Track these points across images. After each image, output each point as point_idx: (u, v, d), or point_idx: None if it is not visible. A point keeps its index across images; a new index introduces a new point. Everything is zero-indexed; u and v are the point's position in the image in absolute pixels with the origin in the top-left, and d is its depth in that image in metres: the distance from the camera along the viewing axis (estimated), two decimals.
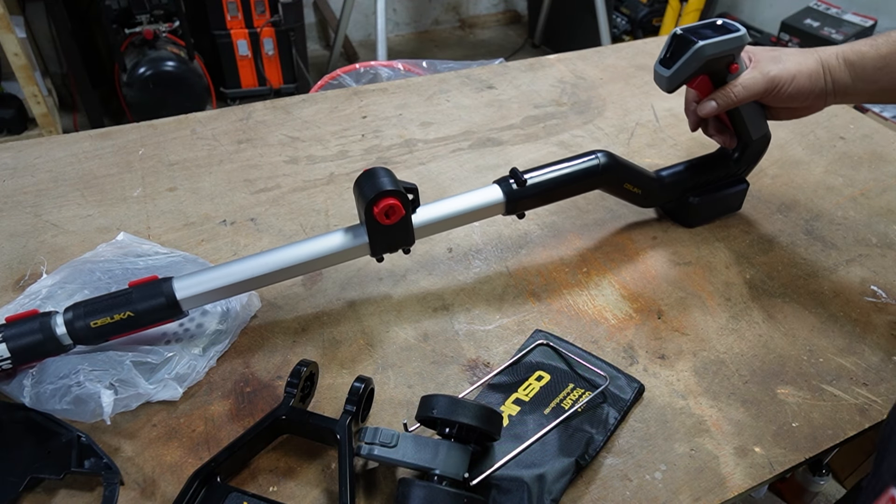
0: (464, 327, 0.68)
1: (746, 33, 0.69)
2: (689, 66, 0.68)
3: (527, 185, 0.68)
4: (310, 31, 3.15)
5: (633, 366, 0.65)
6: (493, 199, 0.68)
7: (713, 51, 0.67)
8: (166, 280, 0.59)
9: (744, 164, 0.81)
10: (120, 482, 0.53)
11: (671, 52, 0.70)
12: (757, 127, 0.77)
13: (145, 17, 2.26)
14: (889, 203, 0.87)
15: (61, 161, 0.90)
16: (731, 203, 0.83)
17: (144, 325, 0.59)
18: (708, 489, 0.55)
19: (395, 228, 0.63)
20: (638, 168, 0.76)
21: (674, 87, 0.71)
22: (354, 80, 1.39)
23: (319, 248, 0.63)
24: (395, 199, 0.60)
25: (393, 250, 0.65)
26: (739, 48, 0.69)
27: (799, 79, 0.69)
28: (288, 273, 0.63)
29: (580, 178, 0.71)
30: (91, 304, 0.58)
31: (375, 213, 0.60)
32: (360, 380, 0.56)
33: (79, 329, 0.57)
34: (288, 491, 0.54)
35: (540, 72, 1.16)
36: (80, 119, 2.55)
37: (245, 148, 0.94)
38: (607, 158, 0.72)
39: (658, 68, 0.72)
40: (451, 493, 0.48)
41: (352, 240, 0.63)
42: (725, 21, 0.70)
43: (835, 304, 0.72)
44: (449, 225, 0.68)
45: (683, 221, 0.82)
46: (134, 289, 0.58)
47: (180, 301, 0.59)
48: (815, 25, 2.60)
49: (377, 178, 0.61)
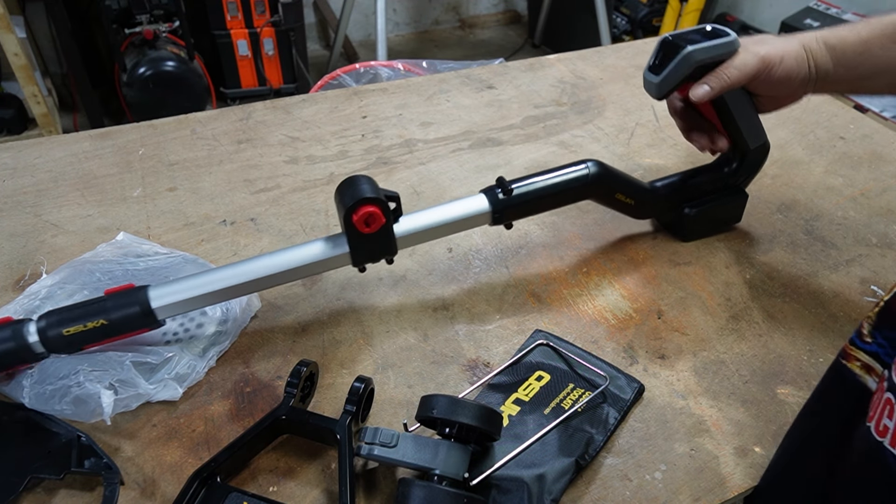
0: (464, 327, 0.68)
1: (737, 38, 0.67)
2: (679, 71, 0.67)
3: (513, 195, 0.66)
4: (310, 31, 3.15)
5: (633, 366, 0.65)
6: (478, 209, 0.66)
7: (702, 56, 0.66)
8: (142, 289, 0.58)
9: (742, 175, 0.78)
10: (120, 482, 0.53)
11: (660, 59, 0.68)
12: (754, 134, 0.74)
13: (145, 17, 2.26)
14: (889, 203, 0.87)
15: (61, 161, 0.90)
16: (729, 215, 0.81)
17: (119, 334, 0.58)
18: (708, 489, 0.55)
19: (376, 237, 0.61)
20: (630, 178, 0.74)
21: (663, 93, 0.69)
22: (354, 80, 1.39)
23: (299, 257, 0.61)
24: (375, 206, 0.59)
25: (375, 260, 0.64)
26: (730, 53, 0.67)
27: (787, 60, 0.67)
28: (266, 283, 0.61)
29: (569, 188, 0.69)
30: (64, 313, 0.57)
31: (355, 220, 0.59)
32: (360, 380, 0.56)
33: (51, 338, 0.56)
34: (288, 491, 0.54)
35: (540, 72, 1.16)
36: (80, 119, 2.55)
37: (245, 148, 0.94)
38: (597, 168, 0.70)
39: (647, 75, 0.70)
40: (451, 493, 0.48)
41: (332, 249, 0.62)
42: (715, 26, 0.69)
43: (835, 304, 0.72)
44: (433, 235, 0.66)
45: (680, 234, 0.80)
46: (108, 297, 0.58)
47: (155, 310, 0.58)
48: (815, 25, 2.60)
49: (357, 185, 0.60)
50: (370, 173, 0.90)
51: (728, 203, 0.79)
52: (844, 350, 0.47)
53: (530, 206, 0.68)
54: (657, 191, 0.76)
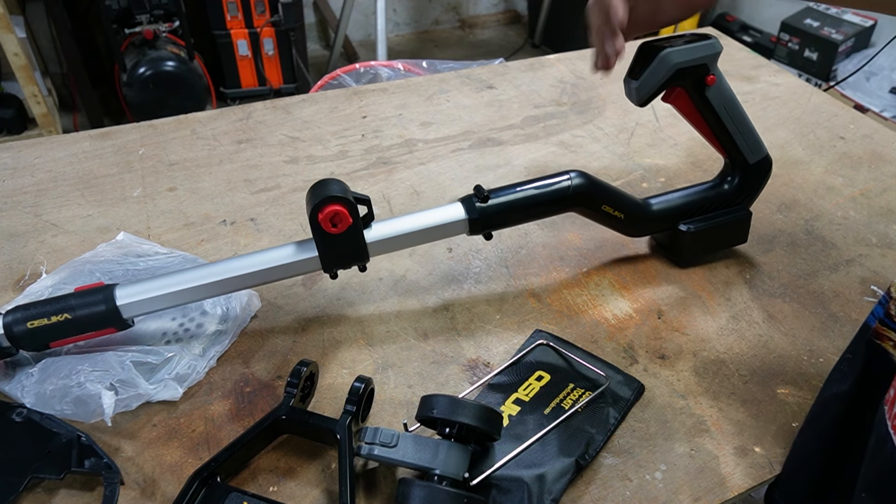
0: (464, 327, 0.68)
1: (718, 41, 0.65)
2: (656, 75, 0.65)
3: (490, 205, 0.64)
4: (310, 31, 3.14)
5: (633, 366, 0.65)
6: (454, 217, 0.64)
7: (680, 58, 0.64)
8: (109, 286, 0.58)
9: (744, 192, 0.73)
10: (120, 482, 0.53)
11: (638, 64, 0.66)
12: (752, 147, 0.71)
13: (145, 17, 2.26)
14: (889, 203, 0.87)
15: (61, 161, 0.90)
16: (732, 235, 0.75)
17: (85, 332, 0.58)
18: (708, 489, 0.55)
19: (344, 240, 0.60)
20: (619, 192, 0.70)
21: (643, 99, 0.67)
22: (354, 80, 1.39)
23: (269, 260, 0.60)
24: (341, 205, 0.57)
25: (346, 266, 0.62)
26: (712, 56, 0.65)
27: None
28: (236, 284, 0.60)
29: (550, 199, 0.66)
30: (31, 307, 0.57)
31: (320, 219, 0.57)
32: (360, 380, 0.56)
33: (17, 333, 0.56)
34: (288, 491, 0.54)
35: (540, 72, 1.16)
36: (80, 119, 2.55)
37: (245, 148, 0.94)
38: (581, 179, 0.67)
39: (626, 81, 0.68)
40: (451, 493, 0.48)
41: (302, 253, 0.61)
42: (695, 33, 0.67)
43: (835, 304, 0.72)
44: (407, 242, 0.64)
45: (676, 256, 0.76)
46: (75, 294, 0.58)
47: (121, 308, 0.57)
48: (815, 25, 2.60)
49: (325, 186, 0.59)
50: (370, 173, 0.90)
51: (729, 222, 0.73)
52: (876, 331, 0.47)
53: (509, 217, 0.66)
54: (650, 206, 0.72)
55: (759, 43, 2.86)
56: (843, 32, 2.54)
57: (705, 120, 0.70)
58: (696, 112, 0.70)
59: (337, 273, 0.63)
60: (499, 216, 0.65)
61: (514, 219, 0.67)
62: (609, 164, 0.93)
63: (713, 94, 0.68)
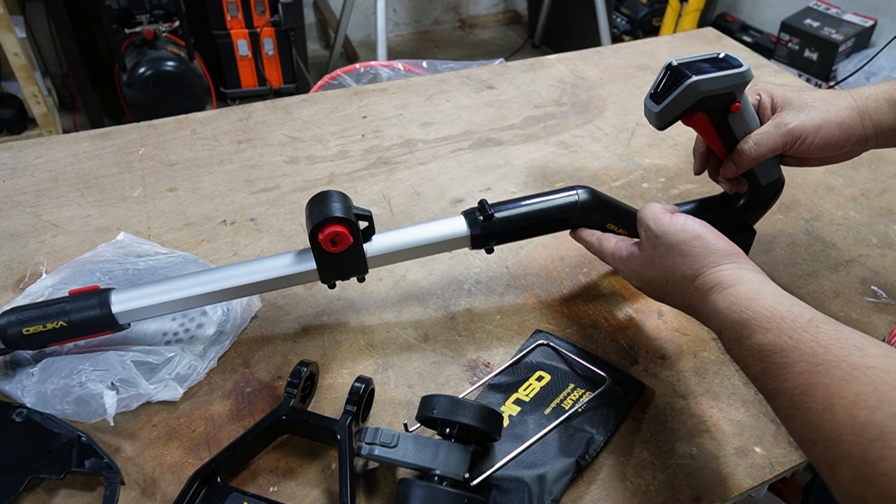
0: (464, 327, 0.68)
1: (750, 69, 0.61)
2: (681, 102, 0.60)
3: (494, 220, 0.63)
4: (310, 31, 3.14)
5: (633, 366, 0.65)
6: (456, 232, 0.63)
7: (708, 87, 0.59)
8: (104, 291, 0.58)
9: (751, 211, 0.71)
10: (120, 482, 0.53)
11: (663, 86, 0.62)
12: (766, 171, 0.68)
13: (145, 17, 2.26)
14: (889, 203, 0.87)
15: (61, 161, 0.90)
16: None
17: (83, 335, 0.58)
18: (708, 489, 0.55)
19: (344, 256, 0.59)
20: (625, 207, 0.68)
21: (664, 123, 0.63)
22: (354, 80, 1.39)
23: (266, 270, 0.60)
24: (342, 226, 0.56)
25: (344, 278, 0.61)
26: (741, 85, 0.61)
27: (826, 129, 0.60)
28: (233, 293, 0.60)
29: (555, 215, 0.65)
30: (25, 311, 0.57)
31: (320, 239, 0.56)
32: (360, 380, 0.56)
33: (11, 336, 0.56)
34: (288, 491, 0.54)
35: (540, 72, 1.16)
36: (80, 119, 2.55)
37: (245, 148, 0.94)
38: (588, 195, 0.65)
39: (648, 102, 0.63)
40: (451, 493, 0.48)
41: (300, 265, 0.60)
42: (728, 55, 0.62)
43: (835, 304, 0.72)
44: (408, 256, 0.63)
45: None
46: (70, 298, 0.57)
47: (116, 314, 0.57)
48: (815, 25, 2.60)
49: (327, 202, 0.57)
50: (370, 173, 0.90)
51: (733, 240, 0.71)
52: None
53: (512, 233, 0.65)
54: None
55: (759, 43, 2.86)
56: (843, 33, 2.54)
57: (723, 142, 0.67)
58: (714, 134, 0.66)
59: (335, 283, 0.63)
60: (502, 232, 0.64)
61: (517, 234, 0.65)
62: (609, 165, 0.93)
63: (735, 120, 0.64)
